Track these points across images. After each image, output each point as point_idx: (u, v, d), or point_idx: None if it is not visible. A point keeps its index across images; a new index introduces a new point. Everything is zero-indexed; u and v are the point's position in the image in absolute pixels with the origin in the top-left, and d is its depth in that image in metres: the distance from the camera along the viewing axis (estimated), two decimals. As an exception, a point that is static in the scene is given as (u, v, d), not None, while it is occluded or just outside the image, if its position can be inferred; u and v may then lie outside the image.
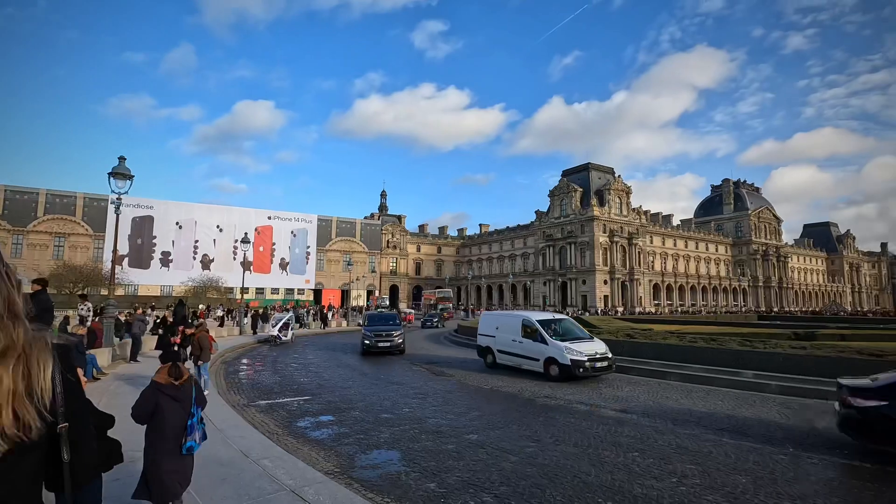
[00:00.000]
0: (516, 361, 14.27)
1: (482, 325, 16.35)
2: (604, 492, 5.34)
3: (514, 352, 14.38)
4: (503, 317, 16.01)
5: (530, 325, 14.09)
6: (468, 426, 8.24)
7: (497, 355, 15.08)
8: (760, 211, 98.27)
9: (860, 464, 6.35)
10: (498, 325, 15.39)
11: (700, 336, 16.62)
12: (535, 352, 13.51)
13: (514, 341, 14.38)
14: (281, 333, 23.40)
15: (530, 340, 13.80)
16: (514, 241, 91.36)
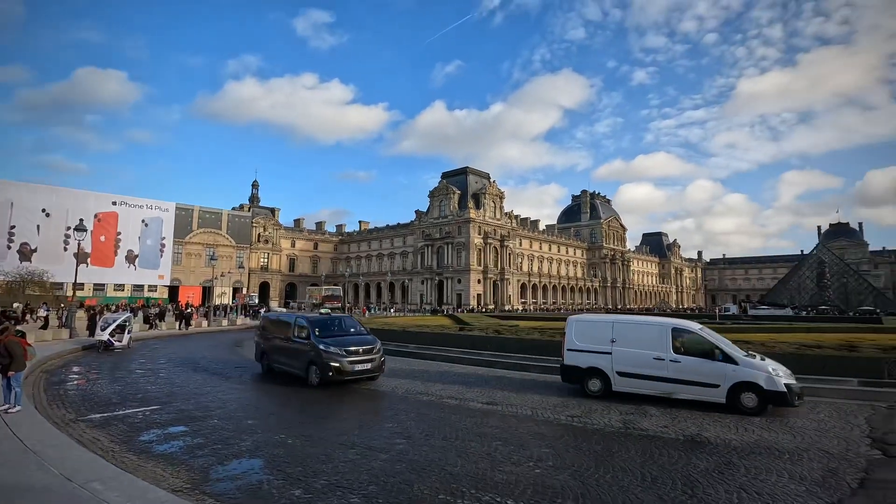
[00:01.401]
0: (662, 388, 9.95)
1: (575, 337, 11.30)
2: (468, 481, 5.60)
3: (657, 375, 10.00)
4: (626, 325, 10.98)
5: (694, 336, 10.10)
6: (337, 429, 8.04)
7: (615, 380, 10.46)
8: (610, 220, 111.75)
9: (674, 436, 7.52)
10: (615, 337, 10.68)
11: (558, 331, 18.30)
12: (710, 374, 9.53)
13: (659, 360, 10.01)
14: (114, 338, 19.55)
15: (694, 358, 9.78)
16: (393, 239, 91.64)
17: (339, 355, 11.46)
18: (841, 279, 72.36)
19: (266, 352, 13.96)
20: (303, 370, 12.02)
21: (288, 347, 12.80)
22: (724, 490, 5.37)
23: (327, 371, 11.37)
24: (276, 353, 13.44)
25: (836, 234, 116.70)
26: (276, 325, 14.12)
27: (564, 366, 11.34)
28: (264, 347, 14.08)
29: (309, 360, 11.76)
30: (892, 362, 11.03)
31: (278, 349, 13.30)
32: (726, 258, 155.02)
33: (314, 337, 11.90)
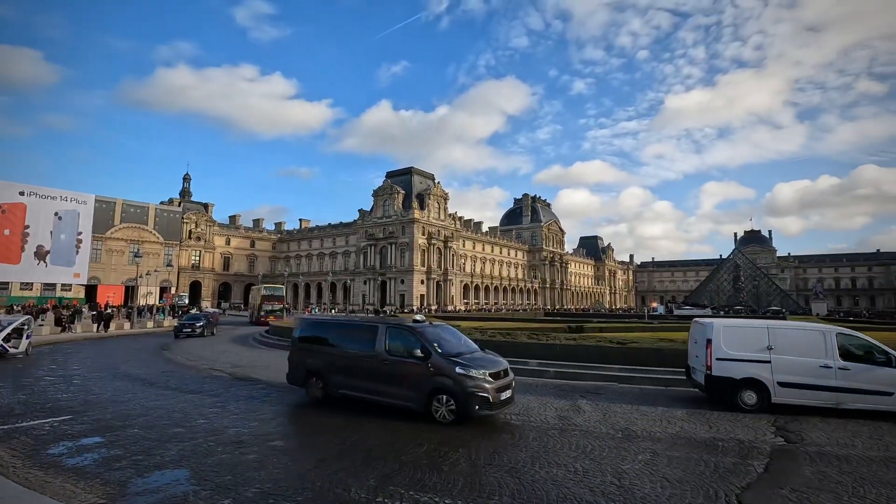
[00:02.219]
0: (828, 398, 9.22)
1: (724, 343, 9.87)
2: (406, 483, 5.57)
3: (824, 384, 9.22)
4: (784, 330, 9.92)
5: (860, 340, 9.62)
6: (273, 433, 7.75)
7: (776, 391, 9.40)
8: (550, 224, 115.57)
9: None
10: (773, 344, 9.56)
11: (498, 331, 18.70)
12: (883, 381, 9.02)
13: (826, 367, 9.24)
14: (8, 344, 17.09)
15: (865, 364, 9.21)
16: (335, 238, 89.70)
17: (484, 381, 8.26)
18: (753, 282, 79.12)
19: (321, 371, 9.82)
20: (418, 401, 8.49)
21: (378, 368, 9.04)
22: (647, 480, 5.69)
23: (472, 403, 8.08)
24: (348, 375, 9.44)
25: (750, 241, 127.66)
26: (345, 333, 10.17)
27: (712, 377, 9.76)
28: (316, 365, 9.93)
29: (433, 386, 8.41)
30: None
31: (354, 369, 9.38)
32: (655, 261, 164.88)
33: (438, 355, 8.58)
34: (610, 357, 13.71)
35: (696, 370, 10.58)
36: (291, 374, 10.49)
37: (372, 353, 9.15)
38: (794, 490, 5.45)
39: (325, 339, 10.16)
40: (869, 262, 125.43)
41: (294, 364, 10.43)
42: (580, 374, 13.17)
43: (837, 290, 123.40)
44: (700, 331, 10.59)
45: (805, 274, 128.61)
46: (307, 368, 10.06)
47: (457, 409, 8.18)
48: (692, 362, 10.93)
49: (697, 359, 10.47)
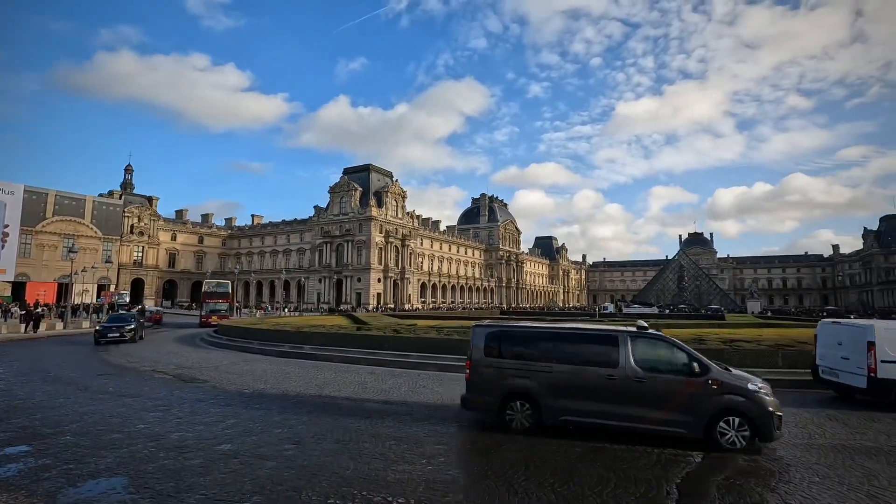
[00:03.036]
0: None
1: (887, 345, 9.74)
2: (361, 483, 5.50)
3: None
4: None
5: None
6: (220, 436, 7.45)
7: None
8: (507, 223, 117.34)
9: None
10: None
11: (455, 329, 18.80)
12: None
13: None
14: None
15: None
16: (290, 235, 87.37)
17: (773, 397, 7.11)
18: (695, 282, 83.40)
19: (531, 394, 7.71)
20: (693, 425, 6.99)
21: (627, 388, 7.27)
22: (595, 475, 5.88)
23: (772, 426, 6.78)
24: (576, 398, 7.51)
25: (693, 243, 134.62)
26: (565, 345, 7.91)
27: (877, 379, 9.51)
28: (524, 386, 7.77)
29: (720, 407, 6.94)
30: (730, 353, 12.95)
31: (586, 390, 7.48)
32: (606, 262, 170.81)
33: (721, 369, 7.37)
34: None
35: (839, 372, 10.57)
36: (476, 398, 8.07)
37: (615, 369, 7.35)
38: (730, 478, 5.77)
39: (534, 354, 7.95)
40: (798, 263, 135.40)
41: (483, 385, 8.01)
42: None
43: (770, 289, 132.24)
44: (854, 333, 10.48)
45: (742, 274, 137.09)
46: (509, 391, 7.80)
47: (750, 433, 6.83)
48: (829, 363, 10.91)
49: (848, 361, 10.35)
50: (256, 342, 20.51)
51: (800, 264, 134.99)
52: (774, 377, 11.19)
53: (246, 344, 20.74)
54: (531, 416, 7.64)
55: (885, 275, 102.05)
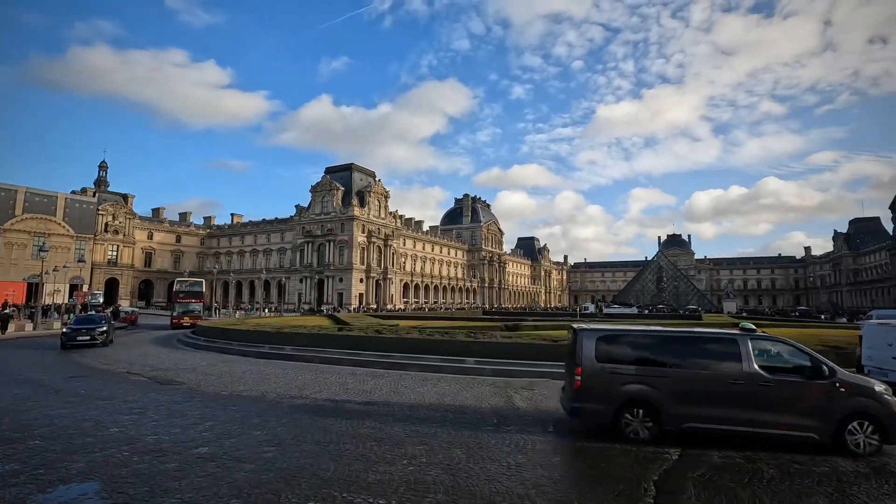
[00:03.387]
0: None
1: None
2: (341, 485, 5.46)
3: None
4: None
5: None
6: (197, 439, 7.32)
7: None
8: (490, 224, 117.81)
9: (537, 432, 8.17)
10: None
11: (437, 330, 18.80)
12: None
13: None
14: None
15: None
16: (270, 234, 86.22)
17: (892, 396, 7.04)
18: (674, 282, 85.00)
19: (650, 401, 7.27)
20: (821, 429, 6.79)
21: (751, 392, 6.99)
22: (574, 472, 5.95)
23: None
24: (700, 403, 7.14)
25: (671, 244, 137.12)
26: (683, 348, 7.59)
27: None
28: (643, 393, 7.33)
29: (849, 410, 6.78)
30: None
31: (710, 395, 7.15)
32: (587, 262, 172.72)
33: (845, 373, 7.26)
34: (543, 354, 14.19)
35: (889, 371, 10.73)
36: (589, 406, 7.46)
37: (738, 372, 7.08)
38: (705, 474, 5.87)
39: (652, 358, 7.58)
40: (772, 265, 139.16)
41: (596, 393, 7.43)
42: (516, 371, 13.53)
43: (745, 290, 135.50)
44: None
45: (718, 275, 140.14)
46: (627, 398, 7.33)
47: (880, 437, 6.66)
48: (878, 363, 11.17)
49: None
50: (235, 343, 20.19)
51: (773, 266, 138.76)
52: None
53: (224, 345, 20.40)
54: (650, 423, 7.25)
55: (853, 276, 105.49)
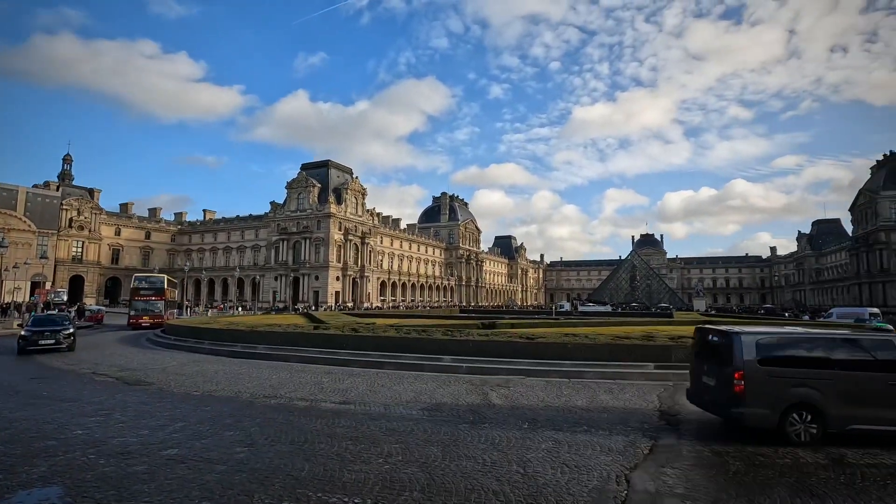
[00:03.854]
0: None
1: None
2: (315, 484, 5.42)
3: None
4: None
5: None
6: (167, 441, 7.14)
7: None
8: (467, 222, 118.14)
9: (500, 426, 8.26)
10: None
11: (414, 328, 18.77)
12: None
13: None
14: None
15: None
16: (244, 231, 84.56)
17: None
18: (647, 281, 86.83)
19: (815, 404, 7.19)
20: None
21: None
22: (549, 467, 6.05)
23: None
24: (863, 405, 7.17)
25: (644, 244, 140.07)
26: (843, 349, 7.62)
27: None
28: (808, 396, 7.22)
29: None
30: (678, 349, 13.57)
31: (872, 396, 7.21)
32: (563, 261, 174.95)
33: None
34: (519, 352, 14.33)
35: None
36: (754, 411, 7.22)
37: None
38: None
39: (814, 360, 7.48)
40: (739, 264, 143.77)
41: (760, 397, 7.23)
42: (492, 368, 13.62)
43: (714, 288, 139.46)
44: None
45: (689, 274, 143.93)
46: (791, 401, 7.21)
47: None
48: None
49: None
50: (207, 342, 19.75)
51: (741, 265, 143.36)
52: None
53: (196, 344, 19.93)
54: (815, 426, 7.18)
55: (815, 275, 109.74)
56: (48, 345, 18.07)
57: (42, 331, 18.35)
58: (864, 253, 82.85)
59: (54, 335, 18.28)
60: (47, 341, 18.06)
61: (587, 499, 5.10)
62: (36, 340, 17.95)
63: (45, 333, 18.21)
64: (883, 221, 78.77)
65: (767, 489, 5.42)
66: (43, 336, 18.09)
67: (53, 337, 18.23)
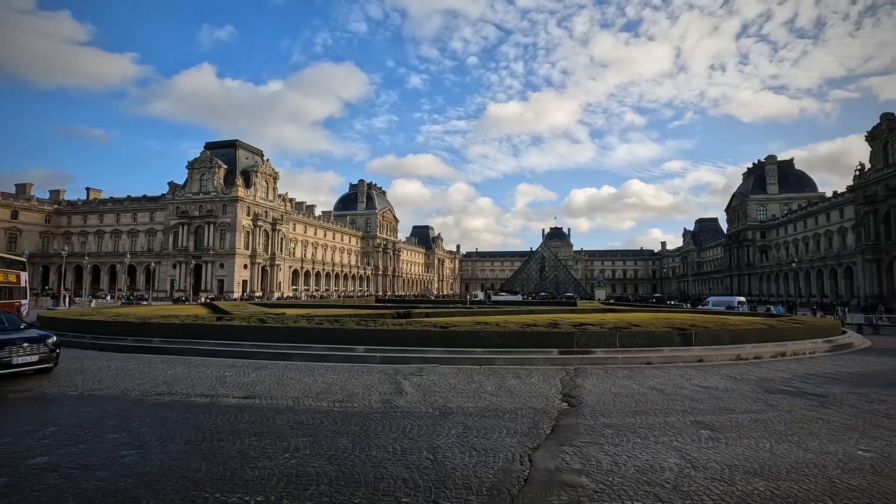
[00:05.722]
0: None
1: None
2: (213, 485, 5.09)
3: None
4: None
5: None
6: (35, 447, 6.30)
7: None
8: (385, 211, 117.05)
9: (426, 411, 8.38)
10: None
11: (326, 318, 18.27)
12: None
13: None
14: None
15: None
16: (137, 214, 76.85)
17: None
18: (555, 272, 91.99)
19: None
20: None
21: None
22: (458, 451, 6.21)
23: None
24: None
25: (553, 237, 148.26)
26: None
27: None
28: None
29: None
30: (580, 335, 14.56)
31: None
32: (478, 252, 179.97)
33: None
34: (433, 340, 14.52)
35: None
36: None
37: None
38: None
39: None
40: (634, 257, 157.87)
41: None
42: (406, 357, 13.67)
43: (613, 279, 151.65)
44: None
45: (592, 266, 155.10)
46: None
47: None
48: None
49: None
50: (89, 336, 17.69)
51: (636, 258, 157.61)
52: (618, 354, 12.98)
53: (75, 338, 17.74)
54: None
55: (697, 268, 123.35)
56: None
57: None
58: (735, 248, 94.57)
59: None
60: None
61: (493, 480, 5.31)
62: None
63: None
64: (751, 221, 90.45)
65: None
66: None
67: None
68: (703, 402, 9.14)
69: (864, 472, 5.57)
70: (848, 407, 8.80)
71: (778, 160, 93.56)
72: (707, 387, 10.62)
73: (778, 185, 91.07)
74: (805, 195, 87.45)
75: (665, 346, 14.62)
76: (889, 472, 5.58)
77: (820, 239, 70.90)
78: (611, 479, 5.34)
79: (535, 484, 5.23)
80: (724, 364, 13.94)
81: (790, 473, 5.51)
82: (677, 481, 5.26)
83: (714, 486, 5.13)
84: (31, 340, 11.03)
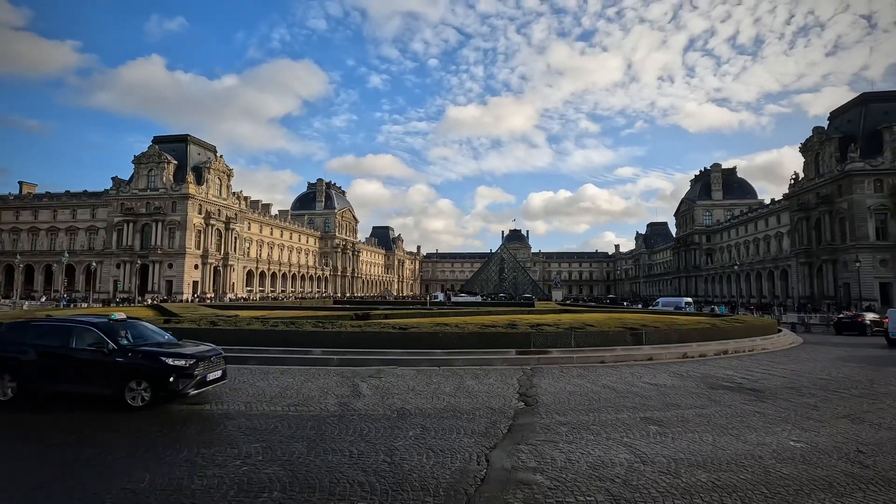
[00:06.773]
0: None
1: None
2: (158, 496, 4.85)
3: None
4: None
5: None
6: None
7: None
8: (344, 211, 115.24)
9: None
10: None
11: (282, 320, 17.80)
12: None
13: None
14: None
15: None
16: (76, 210, 72.25)
17: None
18: (513, 273, 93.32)
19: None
20: None
21: None
22: (416, 453, 6.19)
23: None
24: None
25: (512, 238, 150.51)
26: None
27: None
28: None
29: None
30: (536, 335, 14.84)
31: None
32: (438, 253, 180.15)
33: None
34: (393, 342, 14.42)
35: None
36: None
37: None
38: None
39: None
40: (590, 259, 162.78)
41: None
42: (364, 359, 13.50)
43: (570, 280, 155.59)
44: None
45: (549, 267, 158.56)
46: None
47: None
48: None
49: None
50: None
51: (591, 260, 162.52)
52: (573, 353, 13.30)
53: None
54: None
55: (648, 270, 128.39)
56: None
57: None
58: (682, 251, 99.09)
59: None
60: None
61: (450, 480, 5.32)
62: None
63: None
64: (698, 226, 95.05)
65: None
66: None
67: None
68: (652, 399, 9.53)
69: (796, 461, 5.98)
70: (782, 401, 9.42)
71: (722, 168, 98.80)
72: (656, 384, 11.08)
73: (722, 191, 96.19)
74: (746, 202, 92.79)
75: (618, 345, 15.14)
76: (817, 460, 6.01)
77: (759, 243, 75.41)
78: (564, 475, 5.47)
79: (492, 483, 5.29)
80: (673, 362, 14.60)
81: (730, 465, 5.83)
82: (627, 476, 5.45)
83: (661, 479, 5.36)
84: (217, 355, 9.98)
